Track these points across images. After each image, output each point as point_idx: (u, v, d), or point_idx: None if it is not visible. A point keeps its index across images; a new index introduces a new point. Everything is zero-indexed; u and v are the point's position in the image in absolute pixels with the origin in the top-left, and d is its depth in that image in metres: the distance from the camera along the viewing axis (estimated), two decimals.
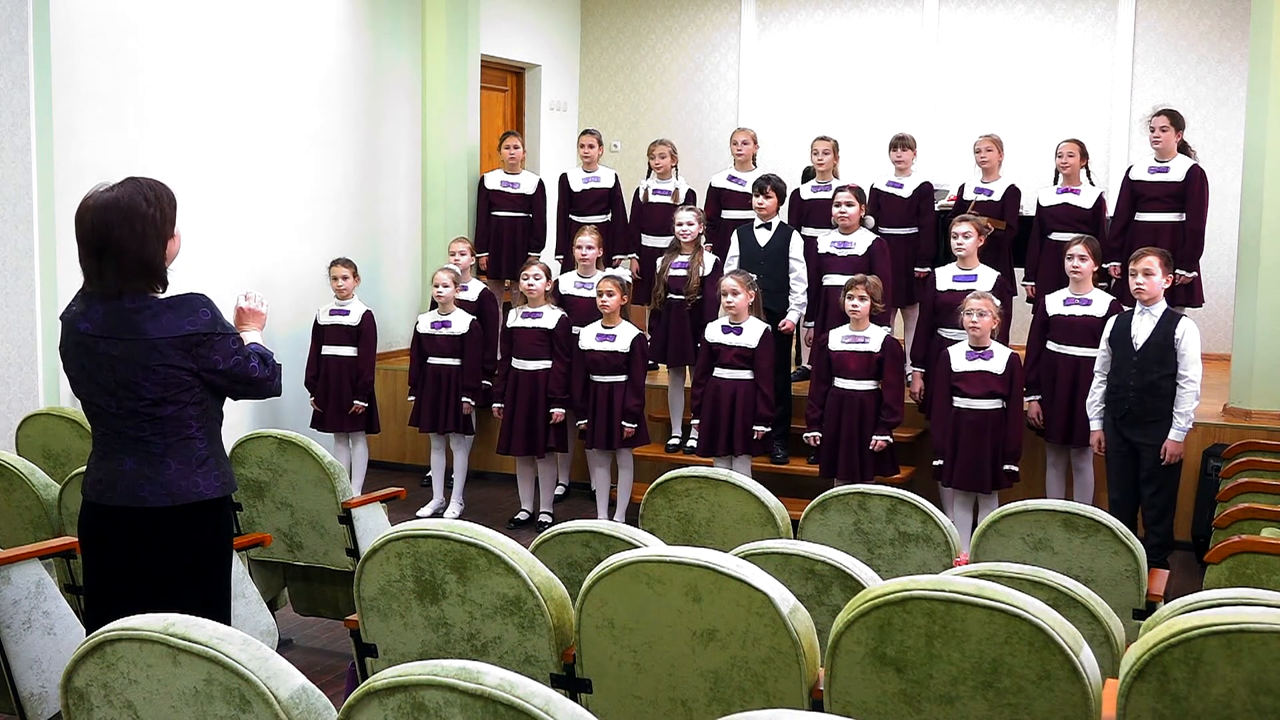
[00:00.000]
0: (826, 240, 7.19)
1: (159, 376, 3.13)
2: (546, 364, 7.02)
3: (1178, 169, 6.97)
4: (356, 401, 7.41)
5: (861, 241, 7.06)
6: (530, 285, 7.00)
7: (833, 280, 7.01)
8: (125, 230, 3.10)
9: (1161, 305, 5.81)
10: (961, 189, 7.82)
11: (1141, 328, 5.80)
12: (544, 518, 7.23)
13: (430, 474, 7.66)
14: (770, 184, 7.11)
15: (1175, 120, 7.02)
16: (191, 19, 7.24)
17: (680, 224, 7.26)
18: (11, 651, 3.74)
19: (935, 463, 6.27)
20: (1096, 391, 6.01)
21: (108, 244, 3.10)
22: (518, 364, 7.06)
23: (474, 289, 7.63)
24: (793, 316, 7.07)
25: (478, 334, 7.35)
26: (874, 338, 6.36)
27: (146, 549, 3.20)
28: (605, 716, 2.92)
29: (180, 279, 3.37)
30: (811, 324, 7.34)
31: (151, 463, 3.17)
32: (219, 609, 3.30)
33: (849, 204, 7.04)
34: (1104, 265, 6.90)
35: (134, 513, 3.18)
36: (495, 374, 7.39)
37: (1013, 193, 7.56)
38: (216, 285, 7.31)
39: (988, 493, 6.14)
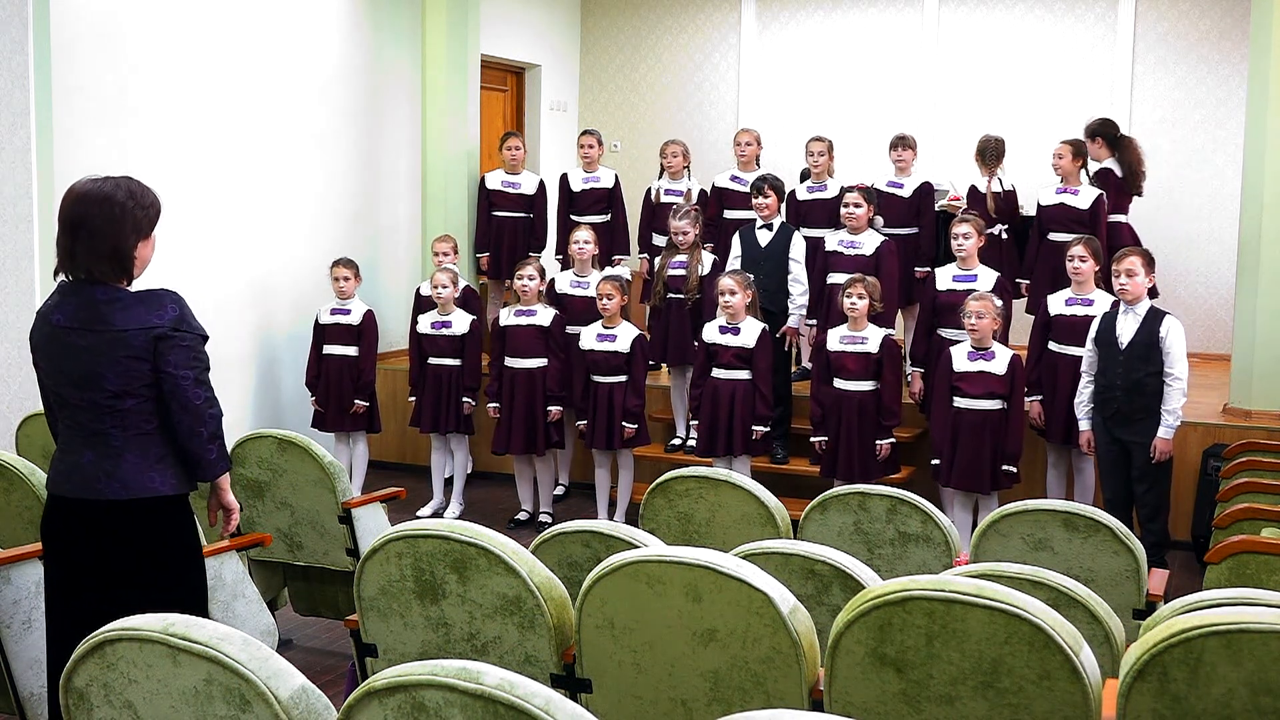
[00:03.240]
0: (834, 239, 7.18)
1: (121, 369, 3.16)
2: (542, 362, 7.02)
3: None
4: (358, 401, 7.41)
5: (869, 242, 7.06)
6: (525, 285, 7.00)
7: (838, 279, 6.99)
8: (103, 212, 3.17)
9: (1146, 304, 5.85)
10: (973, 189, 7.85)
11: (1126, 327, 5.84)
12: (543, 517, 7.22)
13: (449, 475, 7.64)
14: (768, 184, 7.10)
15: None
16: (191, 20, 7.24)
17: (675, 232, 7.24)
18: (11, 651, 3.74)
19: (933, 462, 6.28)
20: (1084, 392, 6.04)
21: (83, 224, 3.17)
22: (512, 363, 7.05)
23: (459, 286, 7.62)
24: (793, 322, 7.06)
25: (478, 334, 7.35)
26: (873, 338, 6.35)
27: (104, 542, 3.23)
28: (605, 716, 2.92)
29: (181, 279, 3.39)
30: (814, 323, 7.33)
31: (110, 456, 3.21)
32: (191, 610, 3.30)
33: (857, 205, 7.03)
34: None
35: (90, 505, 3.22)
36: (485, 373, 7.40)
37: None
38: (218, 285, 7.37)
39: (986, 493, 6.14)
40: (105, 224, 3.17)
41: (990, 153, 7.72)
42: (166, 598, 3.15)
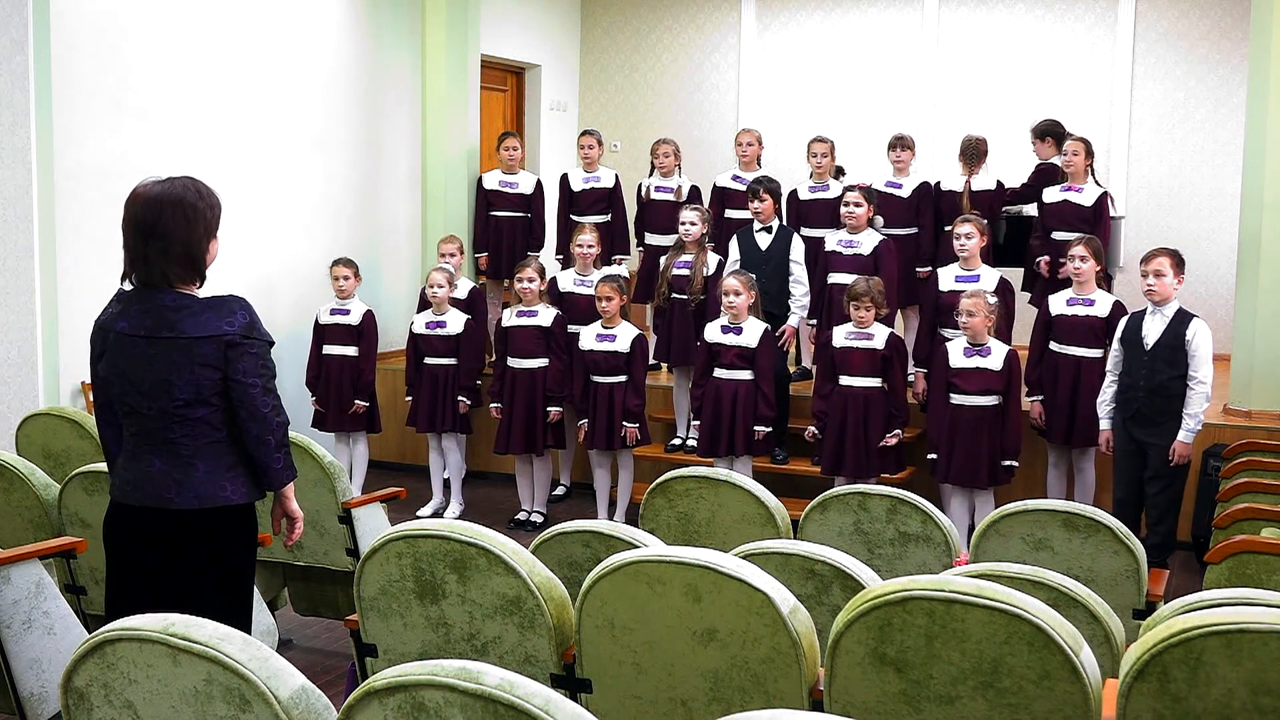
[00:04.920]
0: (833, 239, 7.19)
1: (193, 377, 3.12)
2: (543, 362, 7.03)
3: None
4: (358, 401, 7.41)
5: (868, 241, 7.06)
6: (525, 287, 7.01)
7: (838, 279, 7.00)
8: (177, 215, 3.15)
9: (1174, 306, 5.79)
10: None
11: (1153, 328, 5.80)
12: (535, 516, 7.23)
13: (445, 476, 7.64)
14: (763, 186, 7.11)
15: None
16: (191, 20, 7.24)
17: (684, 223, 7.25)
18: (11, 651, 3.73)
19: (930, 456, 6.28)
20: (1107, 390, 6.01)
21: (156, 228, 3.14)
22: (514, 363, 7.06)
23: (463, 287, 7.64)
24: (792, 322, 7.06)
25: (473, 333, 7.35)
26: (878, 335, 6.35)
27: (170, 551, 3.19)
28: (605, 716, 2.92)
29: None
30: (814, 323, 7.33)
31: (180, 465, 3.16)
32: (240, 617, 3.28)
33: (858, 204, 7.03)
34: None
35: (159, 514, 3.17)
36: (487, 373, 7.40)
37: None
38: (218, 285, 7.32)
39: (983, 488, 6.14)
40: (179, 227, 3.15)
41: (971, 152, 7.79)
42: (219, 603, 3.14)
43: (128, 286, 3.24)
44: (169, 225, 3.14)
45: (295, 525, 3.44)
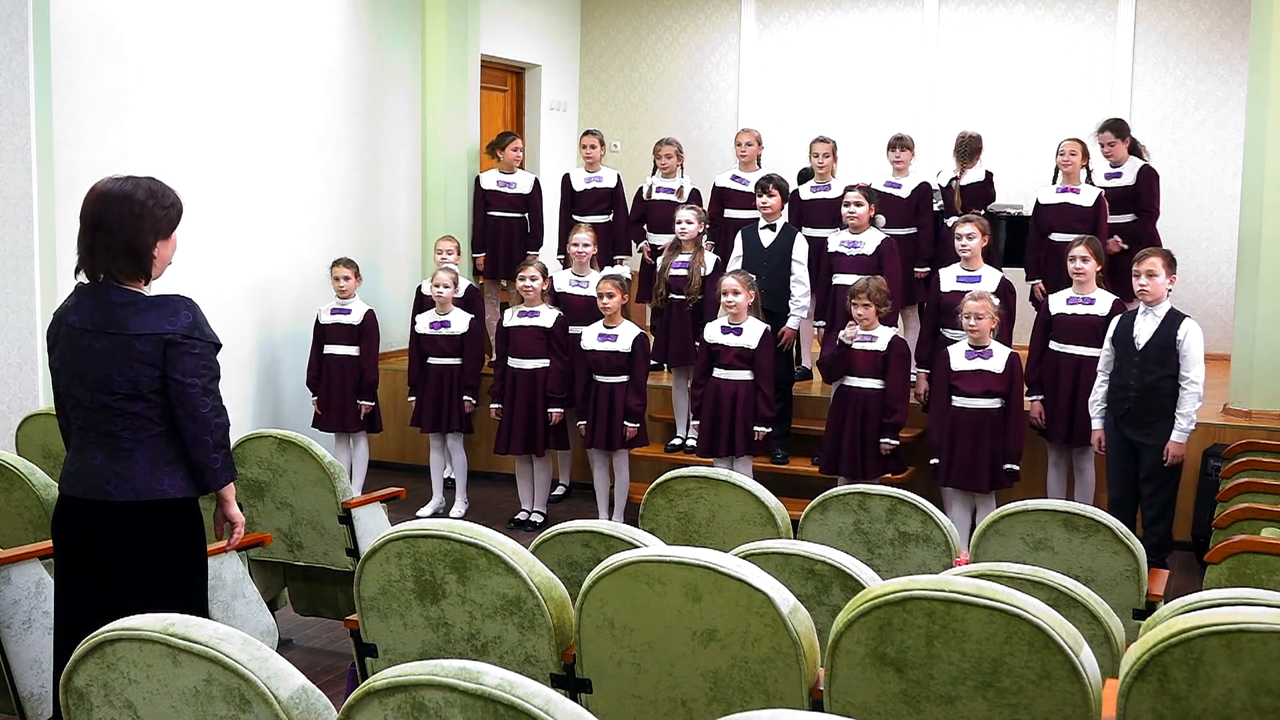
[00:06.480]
0: (836, 239, 7.19)
1: (131, 373, 3.17)
2: (544, 362, 7.03)
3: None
4: (364, 401, 7.40)
5: (870, 241, 7.06)
6: (527, 285, 7.01)
7: (842, 280, 7.00)
8: (123, 210, 3.20)
9: (1165, 306, 5.79)
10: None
11: (1144, 328, 5.80)
12: (535, 517, 7.23)
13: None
14: (772, 183, 7.11)
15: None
16: (191, 20, 7.23)
17: (680, 221, 7.26)
18: (11, 651, 3.74)
19: (932, 461, 6.28)
20: (1099, 390, 6.01)
21: (103, 221, 3.19)
22: (515, 363, 7.06)
23: (460, 286, 7.64)
24: (792, 323, 7.06)
25: (477, 333, 7.35)
26: (882, 337, 6.35)
27: (111, 544, 3.23)
28: (605, 716, 2.92)
29: (183, 279, 3.39)
30: (821, 323, 7.33)
31: (120, 458, 3.21)
32: (192, 613, 3.30)
33: (858, 204, 7.04)
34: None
35: (100, 506, 3.22)
36: (487, 373, 7.40)
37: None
38: (217, 285, 7.36)
39: (985, 491, 6.14)
40: (124, 222, 3.19)
41: (966, 149, 7.80)
42: (169, 600, 3.15)
43: (84, 279, 3.29)
44: (114, 220, 3.19)
45: (235, 529, 3.47)
